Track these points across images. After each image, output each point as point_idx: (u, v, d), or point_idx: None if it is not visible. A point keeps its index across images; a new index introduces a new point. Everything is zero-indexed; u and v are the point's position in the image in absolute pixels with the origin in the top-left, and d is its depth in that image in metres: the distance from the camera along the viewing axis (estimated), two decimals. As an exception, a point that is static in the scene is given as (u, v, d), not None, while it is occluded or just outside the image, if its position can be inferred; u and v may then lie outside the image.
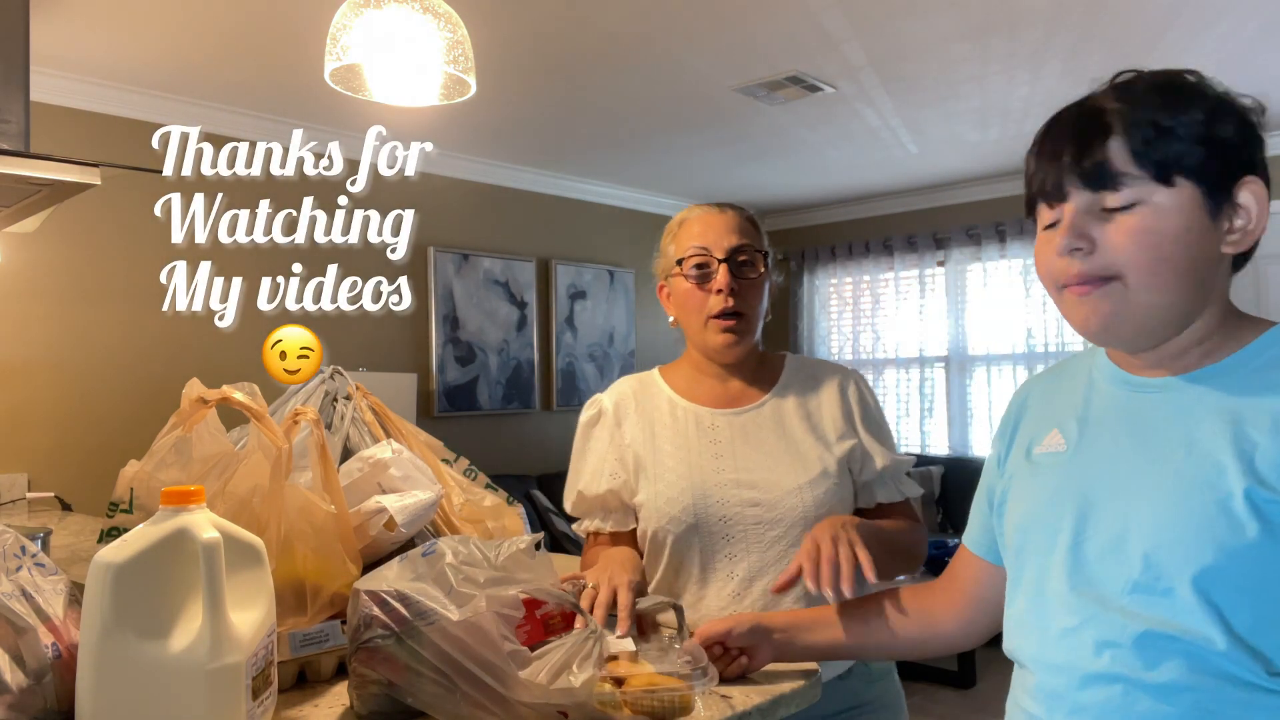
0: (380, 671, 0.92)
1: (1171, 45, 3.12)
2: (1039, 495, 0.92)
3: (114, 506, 1.08)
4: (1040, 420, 0.97)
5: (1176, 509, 0.79)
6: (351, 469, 1.21)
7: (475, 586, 0.91)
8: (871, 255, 5.59)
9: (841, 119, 3.91)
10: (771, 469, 1.33)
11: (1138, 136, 0.80)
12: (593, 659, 0.87)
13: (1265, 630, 0.76)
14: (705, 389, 1.42)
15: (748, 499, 1.31)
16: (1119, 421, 0.88)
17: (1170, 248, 0.80)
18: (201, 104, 3.51)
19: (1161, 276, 0.80)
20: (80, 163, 1.75)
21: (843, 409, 1.39)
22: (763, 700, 1.02)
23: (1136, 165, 0.80)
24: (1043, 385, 1.01)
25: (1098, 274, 0.82)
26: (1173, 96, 0.82)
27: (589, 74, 3.29)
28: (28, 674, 0.84)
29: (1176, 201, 0.80)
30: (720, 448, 1.36)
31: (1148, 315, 0.82)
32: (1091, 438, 0.89)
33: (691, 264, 1.37)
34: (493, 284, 4.60)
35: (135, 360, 3.41)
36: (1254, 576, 0.75)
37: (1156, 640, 0.79)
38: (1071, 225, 0.82)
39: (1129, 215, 0.81)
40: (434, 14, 1.43)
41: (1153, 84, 0.84)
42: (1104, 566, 0.83)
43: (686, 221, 1.42)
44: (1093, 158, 0.81)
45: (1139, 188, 0.80)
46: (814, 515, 1.29)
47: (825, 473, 1.33)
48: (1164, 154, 0.80)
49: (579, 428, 1.46)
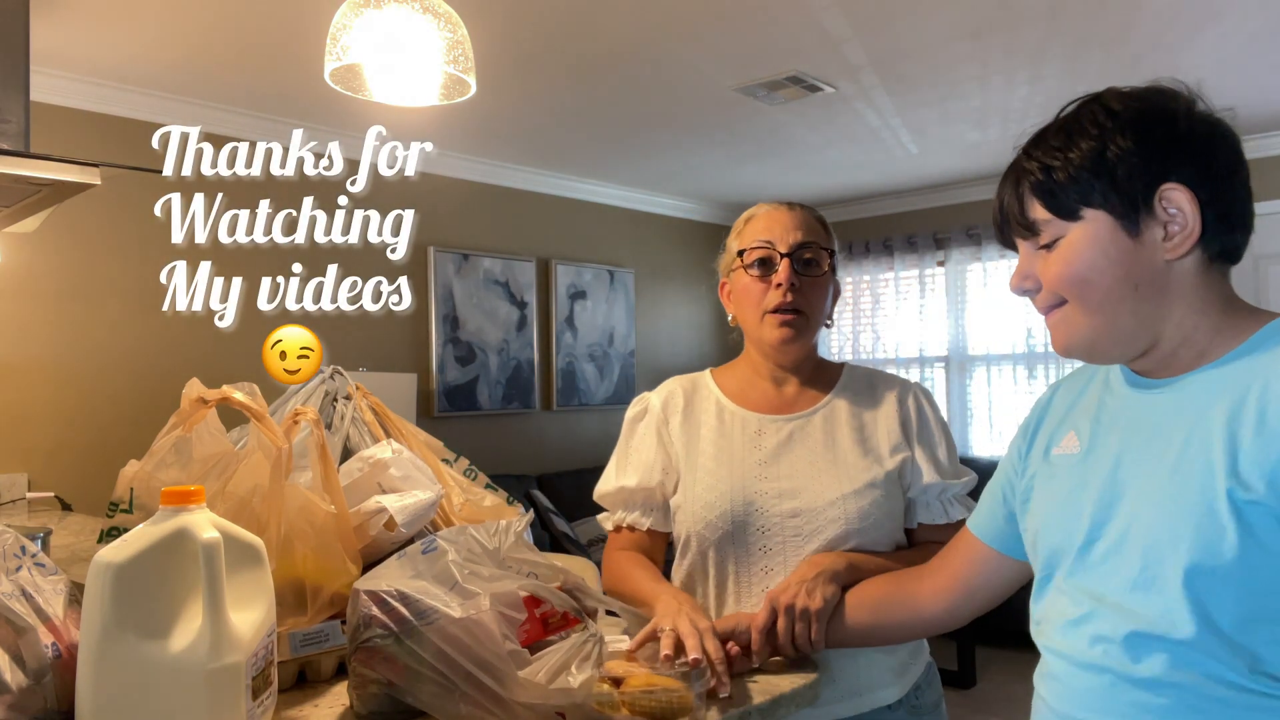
0: (380, 671, 0.91)
1: (1171, 45, 3.12)
2: (1056, 496, 0.95)
3: (114, 506, 1.08)
4: (1060, 422, 1.01)
5: (1169, 508, 0.82)
6: (351, 469, 1.21)
7: (480, 582, 0.91)
8: (871, 255, 5.59)
9: (841, 119, 3.91)
10: (814, 478, 1.29)
11: (1039, 186, 0.89)
12: (591, 660, 0.87)
13: (1249, 629, 0.78)
14: (758, 393, 1.39)
15: (788, 510, 1.27)
16: (1127, 423, 0.91)
17: (1090, 273, 0.86)
18: (201, 104, 3.51)
19: (1092, 299, 0.87)
20: (80, 163, 1.75)
21: (900, 420, 1.34)
22: (763, 700, 1.02)
23: (1046, 210, 0.89)
24: (1066, 386, 1.05)
25: (1050, 302, 0.90)
26: (1064, 138, 0.89)
27: (589, 74, 3.29)
28: (28, 674, 0.84)
29: (1088, 232, 0.87)
30: (764, 454, 1.32)
31: (1097, 333, 0.88)
32: (1102, 440, 0.93)
33: (754, 257, 1.35)
34: (493, 284, 4.60)
35: (135, 360, 3.41)
36: (1237, 576, 0.77)
37: (1144, 639, 0.82)
38: (1019, 269, 0.93)
39: (1053, 251, 0.89)
40: (434, 14, 1.43)
41: (1055, 128, 0.91)
42: (1107, 565, 0.86)
43: (754, 217, 1.39)
44: (1017, 211, 0.91)
45: (1053, 228, 0.89)
46: (857, 528, 1.25)
47: (872, 484, 1.27)
48: (1060, 195, 0.88)
49: (625, 423, 1.45)
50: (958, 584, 1.11)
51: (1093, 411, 0.96)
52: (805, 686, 1.08)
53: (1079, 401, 1.00)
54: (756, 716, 1.00)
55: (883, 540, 1.28)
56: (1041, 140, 0.91)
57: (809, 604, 1.15)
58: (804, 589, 1.16)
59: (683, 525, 1.34)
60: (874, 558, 1.25)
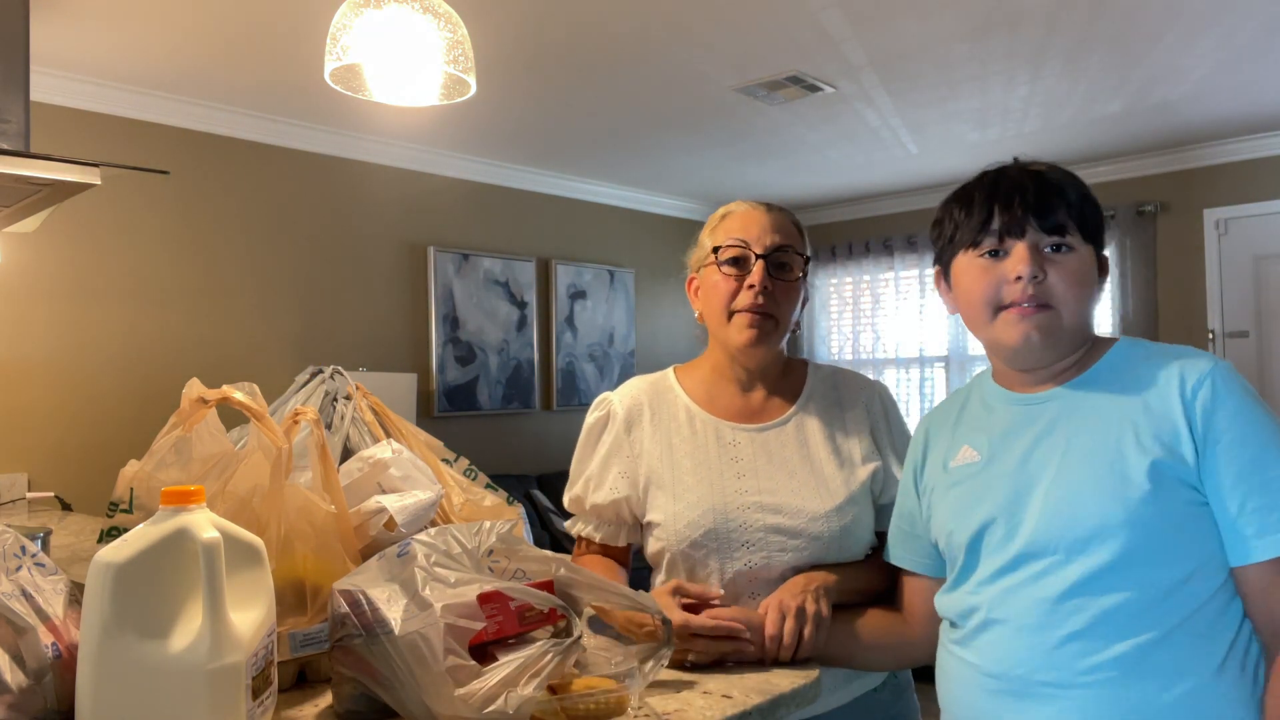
0: (354, 670, 0.91)
1: (1171, 45, 3.12)
2: (963, 499, 1.13)
3: (114, 506, 1.08)
4: (948, 442, 1.19)
5: (1082, 479, 1.02)
6: (351, 469, 1.21)
7: (442, 589, 0.88)
8: (871, 255, 5.59)
9: (841, 119, 3.91)
10: (796, 492, 1.28)
11: (1075, 200, 1.08)
12: (544, 675, 0.84)
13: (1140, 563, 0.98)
14: (725, 398, 1.37)
15: (771, 524, 1.26)
16: (1023, 430, 1.10)
17: (1088, 288, 1.08)
18: (201, 104, 3.51)
19: (1081, 308, 1.08)
20: (80, 163, 1.75)
21: (869, 428, 1.35)
22: (763, 700, 1.02)
23: (1073, 221, 1.07)
24: (940, 416, 1.24)
25: (1042, 300, 1.06)
26: (1079, 181, 1.11)
27: (589, 74, 3.30)
28: (28, 674, 0.84)
29: (1089, 254, 1.09)
30: (742, 466, 1.31)
31: (1067, 336, 1.08)
32: (1002, 447, 1.11)
33: (728, 254, 1.33)
34: (493, 284, 4.60)
35: (135, 360, 3.41)
36: (1143, 525, 0.98)
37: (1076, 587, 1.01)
38: (1032, 259, 1.06)
39: (1066, 257, 1.07)
40: (434, 14, 1.43)
41: (1060, 169, 1.12)
42: (1033, 533, 1.04)
43: (730, 215, 1.37)
44: (1049, 208, 1.07)
45: (1073, 238, 1.08)
46: (838, 543, 1.27)
47: (851, 499, 1.28)
48: (1088, 217, 1.09)
49: (585, 428, 1.42)
50: (918, 618, 1.23)
51: (983, 428, 1.15)
52: (805, 686, 1.08)
53: (960, 424, 1.19)
54: (756, 716, 1.00)
55: (855, 548, 1.30)
56: (1059, 170, 1.11)
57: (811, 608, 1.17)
58: (807, 596, 1.18)
59: (662, 540, 1.31)
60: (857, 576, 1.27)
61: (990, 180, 1.11)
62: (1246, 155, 4.36)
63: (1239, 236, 4.46)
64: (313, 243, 3.95)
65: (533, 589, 0.91)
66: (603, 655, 1.03)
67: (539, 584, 0.96)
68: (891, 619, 1.26)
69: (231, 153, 3.67)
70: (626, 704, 0.94)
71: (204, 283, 3.57)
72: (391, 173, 4.22)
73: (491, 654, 0.87)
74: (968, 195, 1.12)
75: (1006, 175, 1.11)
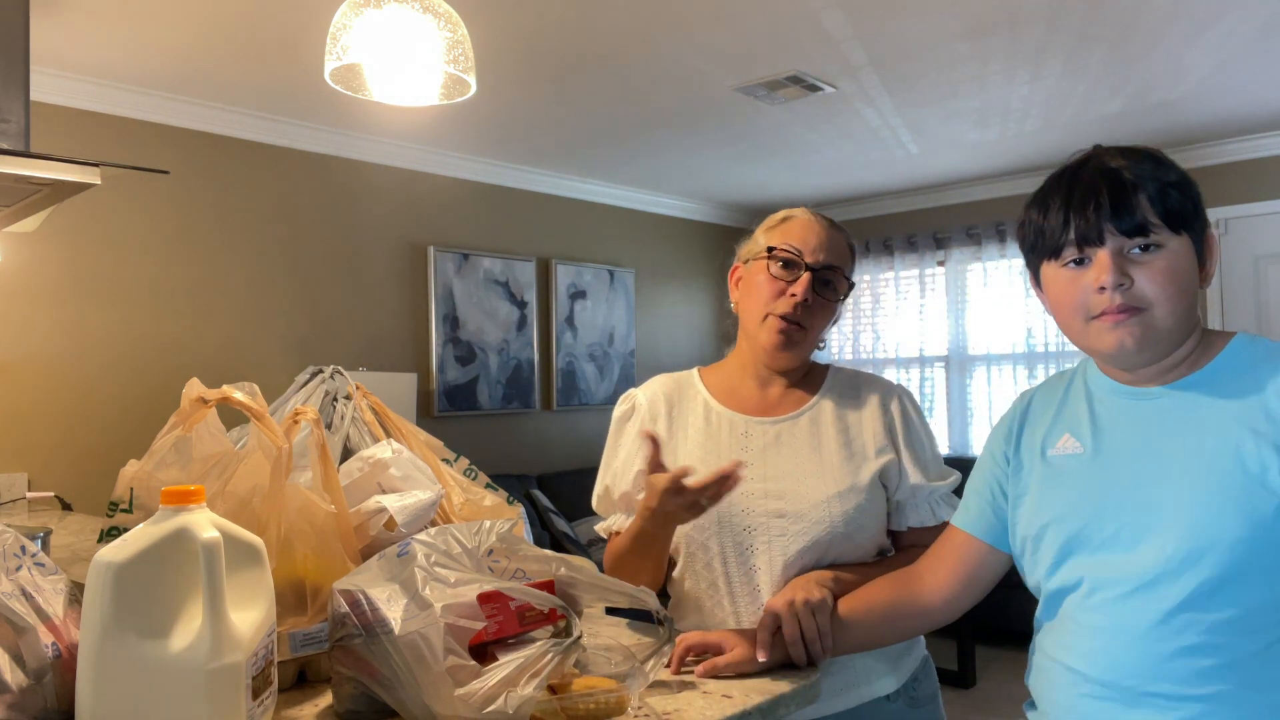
0: (354, 670, 0.91)
1: (1171, 45, 3.12)
2: (1066, 493, 1.06)
3: (114, 506, 1.08)
4: (1049, 425, 1.12)
5: (1203, 488, 0.96)
6: (351, 469, 1.21)
7: (442, 589, 0.89)
8: (871, 255, 5.59)
9: (841, 119, 3.91)
10: (800, 479, 1.30)
11: (1155, 194, 1.00)
12: (544, 675, 0.84)
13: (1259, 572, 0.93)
14: (745, 393, 1.39)
15: (773, 509, 1.28)
16: (1132, 425, 1.04)
17: (1183, 283, 1.00)
18: (202, 104, 3.51)
19: (1177, 306, 1.00)
20: (80, 162, 1.75)
21: (884, 423, 1.35)
22: (763, 700, 1.02)
23: (1157, 217, 0.99)
24: (1044, 394, 1.17)
25: (1132, 304, 0.99)
26: (1162, 165, 1.02)
27: (589, 73, 3.30)
28: (28, 674, 0.84)
29: (1184, 246, 1.00)
30: (750, 455, 1.33)
31: (1166, 336, 1.01)
32: (1109, 441, 1.05)
33: (781, 256, 1.34)
34: (493, 284, 4.60)
35: (135, 360, 3.41)
36: (1264, 535, 0.92)
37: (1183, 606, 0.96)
38: (1116, 265, 1.00)
39: (1155, 257, 0.99)
40: (434, 14, 1.43)
41: (1141, 154, 1.03)
42: (1144, 545, 0.99)
43: (793, 219, 1.38)
44: (1128, 210, 0.99)
45: (1160, 235, 0.99)
46: (842, 530, 1.27)
47: (855, 487, 1.29)
48: (1173, 208, 1.00)
49: (613, 422, 1.45)
50: (957, 579, 1.19)
51: (1086, 418, 1.08)
52: (805, 686, 1.08)
53: (1064, 409, 1.12)
54: (756, 716, 1.00)
55: (866, 543, 1.30)
56: (1136, 157, 1.02)
57: (811, 596, 1.16)
58: (803, 589, 1.18)
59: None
60: (857, 571, 1.27)
61: (1066, 183, 1.04)
62: (1246, 155, 4.35)
63: (1239, 236, 4.46)
64: (313, 242, 3.95)
65: (533, 589, 0.91)
66: (603, 655, 1.03)
67: (539, 584, 0.96)
68: (896, 590, 1.22)
69: (231, 153, 3.67)
70: (626, 704, 0.94)
71: (204, 282, 3.57)
72: (391, 172, 4.22)
73: (491, 654, 0.87)
74: (1044, 201, 1.06)
75: (1080, 178, 1.03)
